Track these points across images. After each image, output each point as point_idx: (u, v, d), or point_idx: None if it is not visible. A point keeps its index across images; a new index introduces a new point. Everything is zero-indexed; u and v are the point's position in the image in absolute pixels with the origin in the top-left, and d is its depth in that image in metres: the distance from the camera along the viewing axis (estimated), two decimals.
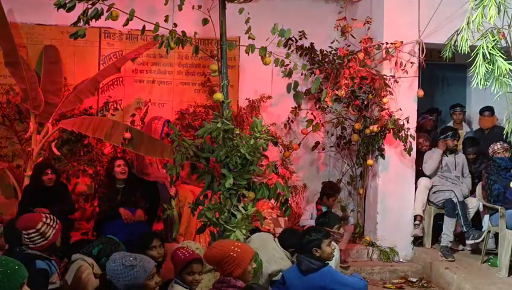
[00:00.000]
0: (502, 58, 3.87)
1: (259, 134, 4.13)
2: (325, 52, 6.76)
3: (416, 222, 6.21)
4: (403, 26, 6.08)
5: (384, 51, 6.07)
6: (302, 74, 5.77)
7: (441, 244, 5.97)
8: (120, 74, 6.48)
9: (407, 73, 6.06)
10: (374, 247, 6.17)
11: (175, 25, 4.50)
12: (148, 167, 5.79)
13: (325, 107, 6.56)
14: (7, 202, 5.95)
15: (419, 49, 6.08)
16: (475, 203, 6.05)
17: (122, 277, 2.85)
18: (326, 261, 3.78)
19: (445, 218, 5.96)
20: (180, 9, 4.43)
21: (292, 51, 6.73)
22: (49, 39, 6.51)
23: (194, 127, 6.44)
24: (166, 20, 4.42)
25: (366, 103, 6.22)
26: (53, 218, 3.59)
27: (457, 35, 4.27)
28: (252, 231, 4.34)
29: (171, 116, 6.58)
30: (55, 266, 3.55)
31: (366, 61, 5.94)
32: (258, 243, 4.14)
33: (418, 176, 6.30)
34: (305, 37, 6.87)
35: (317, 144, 6.73)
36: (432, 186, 6.23)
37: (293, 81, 5.03)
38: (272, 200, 4.74)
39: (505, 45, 4.24)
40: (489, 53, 3.88)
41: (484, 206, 5.91)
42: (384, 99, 5.95)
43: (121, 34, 6.70)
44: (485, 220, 5.84)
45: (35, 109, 5.83)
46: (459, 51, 4.25)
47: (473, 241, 5.85)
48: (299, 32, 6.82)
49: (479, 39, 4.06)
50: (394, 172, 6.21)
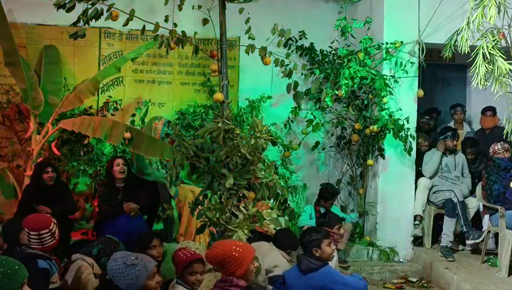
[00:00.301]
0: (502, 58, 3.88)
1: (259, 134, 4.14)
2: (325, 52, 6.76)
3: (416, 222, 6.21)
4: (403, 26, 6.08)
5: (384, 51, 6.08)
6: (302, 74, 5.81)
7: (441, 244, 5.97)
8: (120, 74, 6.48)
9: (407, 73, 6.06)
10: (374, 247, 6.17)
11: (175, 25, 4.51)
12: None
13: (325, 107, 6.56)
14: (7, 202, 5.94)
15: (419, 49, 6.08)
16: (475, 203, 6.06)
17: (123, 276, 2.86)
18: (327, 261, 3.78)
19: (445, 218, 5.96)
20: (180, 9, 4.44)
21: (292, 51, 6.73)
22: (49, 39, 6.51)
23: (194, 127, 6.44)
24: (166, 20, 4.42)
25: (366, 102, 6.22)
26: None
27: (457, 35, 4.28)
28: (252, 231, 4.34)
29: (171, 116, 6.58)
30: (56, 265, 3.56)
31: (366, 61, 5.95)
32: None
33: (418, 176, 6.31)
34: (305, 37, 6.86)
35: (317, 144, 6.73)
36: (432, 186, 6.23)
37: (293, 81, 5.04)
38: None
39: (505, 45, 4.25)
40: (489, 53, 3.89)
41: (484, 206, 5.91)
42: (384, 100, 5.95)
43: (121, 34, 6.70)
44: (485, 220, 5.84)
45: (35, 109, 5.83)
46: (459, 51, 4.26)
47: (473, 241, 5.86)
48: (299, 32, 6.81)
49: (479, 39, 4.06)
50: (394, 172, 6.20)
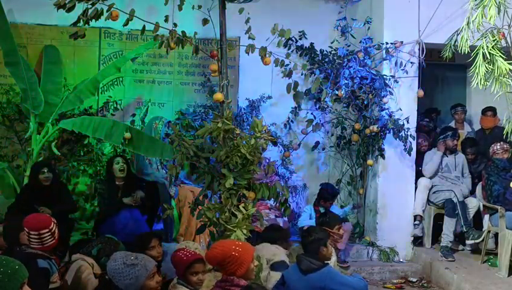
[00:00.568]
0: (502, 58, 3.88)
1: (259, 134, 4.14)
2: (325, 52, 6.76)
3: (416, 222, 6.21)
4: (403, 26, 6.08)
5: (384, 51, 6.08)
6: (302, 74, 5.79)
7: (441, 244, 5.97)
8: (120, 74, 6.47)
9: (407, 73, 6.06)
10: (374, 247, 6.17)
11: (175, 25, 4.50)
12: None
13: (325, 107, 6.55)
14: (7, 202, 5.94)
15: (419, 49, 6.08)
16: (475, 203, 6.05)
17: (123, 276, 2.86)
18: (326, 261, 3.78)
19: (445, 218, 5.96)
20: (180, 9, 4.43)
21: (292, 51, 6.74)
22: (49, 39, 6.50)
23: (194, 127, 6.43)
24: (166, 20, 4.42)
25: (366, 102, 6.22)
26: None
27: (457, 35, 4.29)
28: (252, 231, 4.35)
29: (171, 116, 6.57)
30: (56, 265, 3.56)
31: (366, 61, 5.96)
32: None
33: (418, 176, 6.31)
34: (305, 37, 6.86)
35: (317, 144, 6.73)
36: (432, 186, 6.23)
37: (293, 81, 5.03)
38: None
39: (505, 45, 4.25)
40: (489, 53, 3.89)
41: (484, 206, 5.91)
42: (384, 99, 5.94)
43: (121, 34, 6.69)
44: (485, 220, 5.84)
45: (35, 109, 5.83)
46: (459, 51, 4.26)
47: (473, 241, 5.86)
48: (299, 32, 6.81)
49: (479, 39, 4.07)
50: (394, 172, 6.20)
